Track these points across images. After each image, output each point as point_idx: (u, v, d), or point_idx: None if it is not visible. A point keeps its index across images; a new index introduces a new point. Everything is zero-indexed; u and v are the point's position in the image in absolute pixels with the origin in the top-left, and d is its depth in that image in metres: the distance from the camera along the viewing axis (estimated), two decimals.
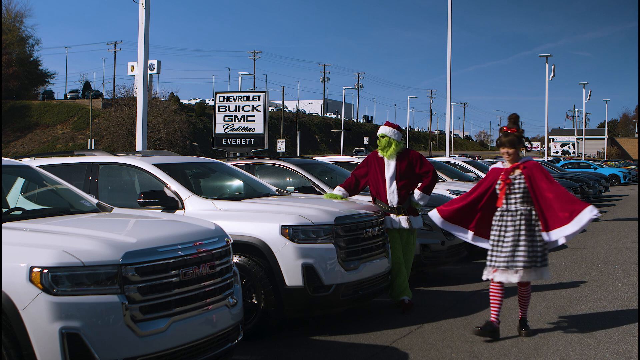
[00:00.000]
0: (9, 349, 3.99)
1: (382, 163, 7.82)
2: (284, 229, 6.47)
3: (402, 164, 7.75)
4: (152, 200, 6.76)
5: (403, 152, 7.85)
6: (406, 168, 7.74)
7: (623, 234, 15.21)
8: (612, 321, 7.02)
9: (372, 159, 7.95)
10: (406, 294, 7.65)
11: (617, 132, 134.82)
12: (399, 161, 7.77)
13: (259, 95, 22.77)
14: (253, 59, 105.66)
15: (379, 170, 7.81)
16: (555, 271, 10.17)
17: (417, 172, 7.78)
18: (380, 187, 7.78)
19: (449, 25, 25.72)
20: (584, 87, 64.00)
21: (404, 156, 7.81)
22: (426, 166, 7.81)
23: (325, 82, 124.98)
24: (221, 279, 4.92)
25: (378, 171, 7.81)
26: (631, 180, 47.38)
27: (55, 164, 7.84)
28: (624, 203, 26.17)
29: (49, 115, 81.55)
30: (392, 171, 7.73)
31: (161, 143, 62.18)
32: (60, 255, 4.08)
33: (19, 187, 6.24)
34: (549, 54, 46.07)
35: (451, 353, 5.99)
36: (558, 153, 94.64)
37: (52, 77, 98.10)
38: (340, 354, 6.04)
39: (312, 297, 6.48)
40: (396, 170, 7.73)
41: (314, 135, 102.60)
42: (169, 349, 4.36)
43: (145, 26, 13.10)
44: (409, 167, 7.76)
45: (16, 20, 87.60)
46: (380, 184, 7.78)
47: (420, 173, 7.79)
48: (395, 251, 7.71)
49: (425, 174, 7.79)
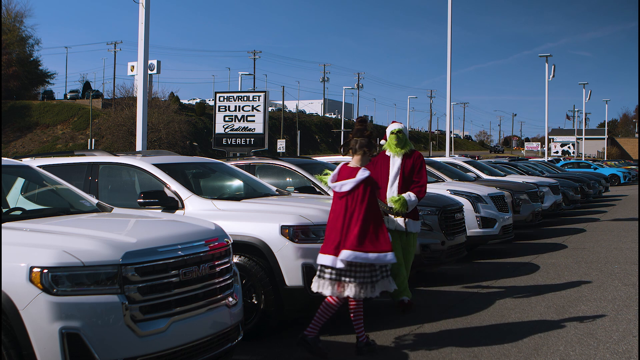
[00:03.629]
0: (9, 349, 3.99)
1: (388, 162, 7.78)
2: (284, 229, 6.47)
3: (407, 164, 7.72)
4: (152, 200, 6.76)
5: (412, 152, 7.83)
6: (410, 169, 7.70)
7: (623, 234, 15.21)
8: (612, 321, 7.02)
9: (377, 158, 7.85)
10: (406, 294, 7.64)
11: (617, 132, 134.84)
12: (404, 160, 7.74)
13: (259, 95, 22.78)
14: (253, 59, 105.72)
15: (383, 168, 7.76)
16: (555, 271, 10.18)
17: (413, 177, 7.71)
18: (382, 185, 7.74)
19: (449, 25, 25.72)
20: (584, 87, 64.01)
21: (409, 156, 7.78)
22: (421, 176, 7.69)
23: (325, 82, 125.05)
24: (221, 279, 4.92)
25: (382, 169, 7.76)
26: (631, 180, 47.42)
27: (55, 164, 7.84)
28: (624, 203, 26.18)
29: (49, 115, 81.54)
30: (396, 170, 7.69)
31: (161, 143, 62.17)
32: (60, 255, 4.08)
33: (19, 187, 6.24)
34: (549, 54, 46.06)
35: (451, 353, 5.99)
36: (558, 153, 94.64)
37: (52, 77, 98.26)
38: (340, 354, 6.04)
39: (312, 297, 6.47)
40: (400, 169, 7.68)
41: (314, 135, 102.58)
42: (169, 349, 4.36)
43: (145, 26, 13.10)
44: (412, 168, 7.71)
45: (16, 20, 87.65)
46: (382, 183, 7.73)
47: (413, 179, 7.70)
48: (396, 251, 7.69)
49: (416, 183, 7.67)
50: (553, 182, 19.01)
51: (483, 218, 11.73)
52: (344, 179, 5.98)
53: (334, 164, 11.45)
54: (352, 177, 5.93)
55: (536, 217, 15.45)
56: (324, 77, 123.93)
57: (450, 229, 9.45)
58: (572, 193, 21.54)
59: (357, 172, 5.96)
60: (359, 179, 5.90)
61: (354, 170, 6.01)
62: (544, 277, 9.68)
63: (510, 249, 12.86)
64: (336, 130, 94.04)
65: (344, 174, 6.05)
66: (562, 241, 13.99)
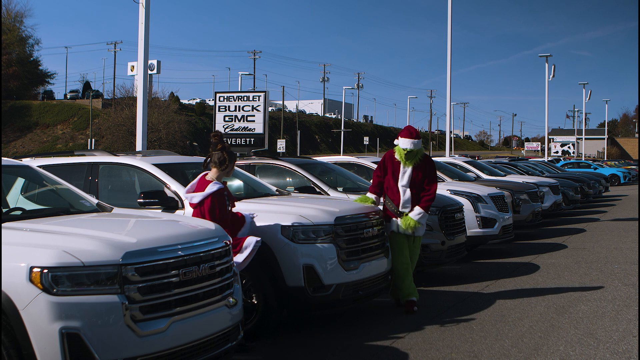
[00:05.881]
0: (9, 349, 3.99)
1: (398, 167, 7.73)
2: (284, 229, 6.47)
3: (418, 173, 7.67)
4: (152, 200, 6.76)
5: (422, 159, 7.74)
6: (422, 177, 7.67)
7: (623, 234, 15.21)
8: (612, 321, 7.02)
9: (388, 160, 7.82)
10: (415, 294, 7.66)
11: (617, 132, 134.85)
12: (415, 169, 7.68)
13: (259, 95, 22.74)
14: (253, 59, 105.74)
15: (392, 174, 7.72)
16: (555, 271, 10.18)
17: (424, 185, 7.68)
18: (393, 191, 7.70)
19: (449, 25, 25.71)
20: (584, 87, 63.98)
21: (421, 164, 7.71)
22: (431, 185, 7.69)
23: (325, 82, 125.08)
24: (221, 279, 4.92)
25: (391, 175, 7.73)
26: (631, 180, 47.40)
27: (55, 164, 7.85)
28: (624, 203, 26.17)
29: (49, 115, 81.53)
30: (407, 180, 7.65)
31: (161, 143, 62.16)
32: (60, 255, 4.08)
33: (19, 187, 6.24)
34: (549, 54, 46.03)
35: (451, 353, 5.99)
36: (558, 153, 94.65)
37: (52, 77, 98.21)
38: (340, 354, 6.04)
39: (312, 297, 6.47)
40: (411, 179, 7.65)
41: (314, 135, 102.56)
42: (169, 349, 4.36)
43: (145, 26, 13.10)
44: (424, 176, 7.68)
45: (16, 20, 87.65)
46: (393, 189, 7.70)
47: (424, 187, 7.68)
48: (404, 252, 7.69)
49: (427, 191, 7.67)
50: (553, 182, 19.02)
51: (483, 218, 11.73)
52: (199, 191, 6.18)
53: (334, 164, 11.47)
54: (202, 190, 6.13)
55: (536, 217, 15.46)
56: (324, 77, 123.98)
57: (450, 229, 9.45)
58: (572, 193, 21.54)
59: (207, 186, 6.16)
60: (207, 192, 6.12)
61: (206, 183, 6.20)
62: (544, 277, 9.68)
63: (510, 249, 12.86)
64: (336, 130, 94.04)
65: (198, 186, 6.24)
66: (562, 241, 13.99)
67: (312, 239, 6.52)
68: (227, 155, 6.29)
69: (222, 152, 6.28)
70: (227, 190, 6.31)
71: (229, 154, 6.32)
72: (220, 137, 6.40)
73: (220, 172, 6.29)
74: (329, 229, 6.61)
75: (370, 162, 12.63)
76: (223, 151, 6.29)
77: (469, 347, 6.15)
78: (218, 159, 6.27)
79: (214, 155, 6.31)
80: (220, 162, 6.27)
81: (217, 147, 6.31)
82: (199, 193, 6.15)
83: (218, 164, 6.28)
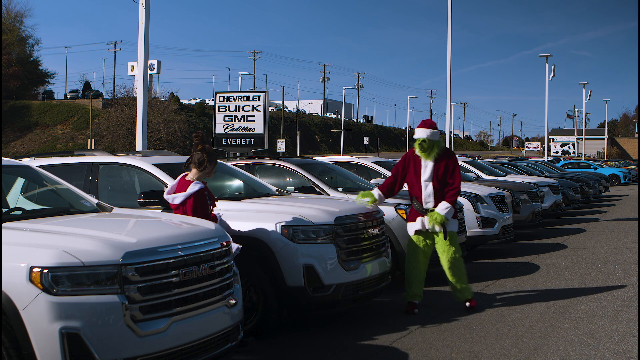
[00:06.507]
0: (9, 349, 3.99)
1: (419, 163, 7.61)
2: (284, 229, 6.47)
3: (440, 167, 7.54)
4: (152, 200, 6.75)
5: (443, 153, 7.64)
6: (443, 171, 7.53)
7: (623, 234, 15.20)
8: (612, 321, 7.02)
9: (409, 158, 7.72)
10: (418, 298, 7.60)
11: (617, 132, 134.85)
12: (436, 163, 7.55)
13: (259, 95, 22.74)
14: (253, 59, 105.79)
15: (414, 171, 7.62)
16: (555, 271, 10.18)
17: (447, 179, 7.56)
18: (415, 188, 7.61)
19: (449, 25, 25.71)
20: (584, 87, 63.96)
21: (442, 158, 7.58)
22: (455, 178, 7.55)
23: (325, 82, 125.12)
24: (221, 279, 4.92)
25: (413, 172, 7.62)
26: (631, 180, 47.41)
27: (55, 164, 7.85)
28: (624, 203, 26.17)
29: (49, 115, 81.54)
30: (429, 173, 7.52)
31: (161, 143, 62.17)
32: (60, 255, 4.08)
33: (19, 187, 6.24)
34: (549, 54, 45.99)
35: (451, 353, 5.99)
36: (558, 153, 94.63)
37: (52, 77, 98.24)
38: (340, 354, 6.04)
39: (312, 297, 6.48)
40: (433, 173, 7.52)
41: (314, 135, 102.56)
42: (169, 349, 4.36)
43: (145, 26, 13.10)
44: (445, 170, 7.54)
45: (16, 20, 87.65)
46: (415, 185, 7.62)
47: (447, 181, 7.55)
48: (418, 258, 7.56)
49: (451, 185, 7.54)
50: (553, 182, 19.02)
51: (483, 218, 11.73)
52: (180, 192, 6.15)
53: (334, 164, 11.47)
54: (184, 191, 6.11)
55: (536, 217, 15.46)
56: (324, 77, 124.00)
57: None
58: (572, 193, 21.54)
59: (188, 186, 6.14)
60: (189, 192, 6.11)
61: (187, 184, 6.17)
62: (544, 277, 9.68)
63: (510, 249, 12.86)
64: (336, 130, 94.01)
65: (179, 186, 6.22)
66: (562, 241, 13.99)
67: (312, 239, 6.52)
68: (206, 156, 6.22)
69: (202, 152, 6.22)
70: (208, 190, 6.29)
71: (208, 154, 6.25)
72: (202, 137, 6.33)
73: (199, 172, 6.23)
74: (329, 229, 6.61)
75: (370, 162, 12.64)
76: (203, 152, 6.22)
77: (469, 347, 6.15)
78: (197, 159, 6.22)
79: (194, 155, 6.25)
80: (200, 163, 6.21)
81: (198, 147, 6.25)
82: (180, 193, 6.12)
83: (197, 165, 6.22)
